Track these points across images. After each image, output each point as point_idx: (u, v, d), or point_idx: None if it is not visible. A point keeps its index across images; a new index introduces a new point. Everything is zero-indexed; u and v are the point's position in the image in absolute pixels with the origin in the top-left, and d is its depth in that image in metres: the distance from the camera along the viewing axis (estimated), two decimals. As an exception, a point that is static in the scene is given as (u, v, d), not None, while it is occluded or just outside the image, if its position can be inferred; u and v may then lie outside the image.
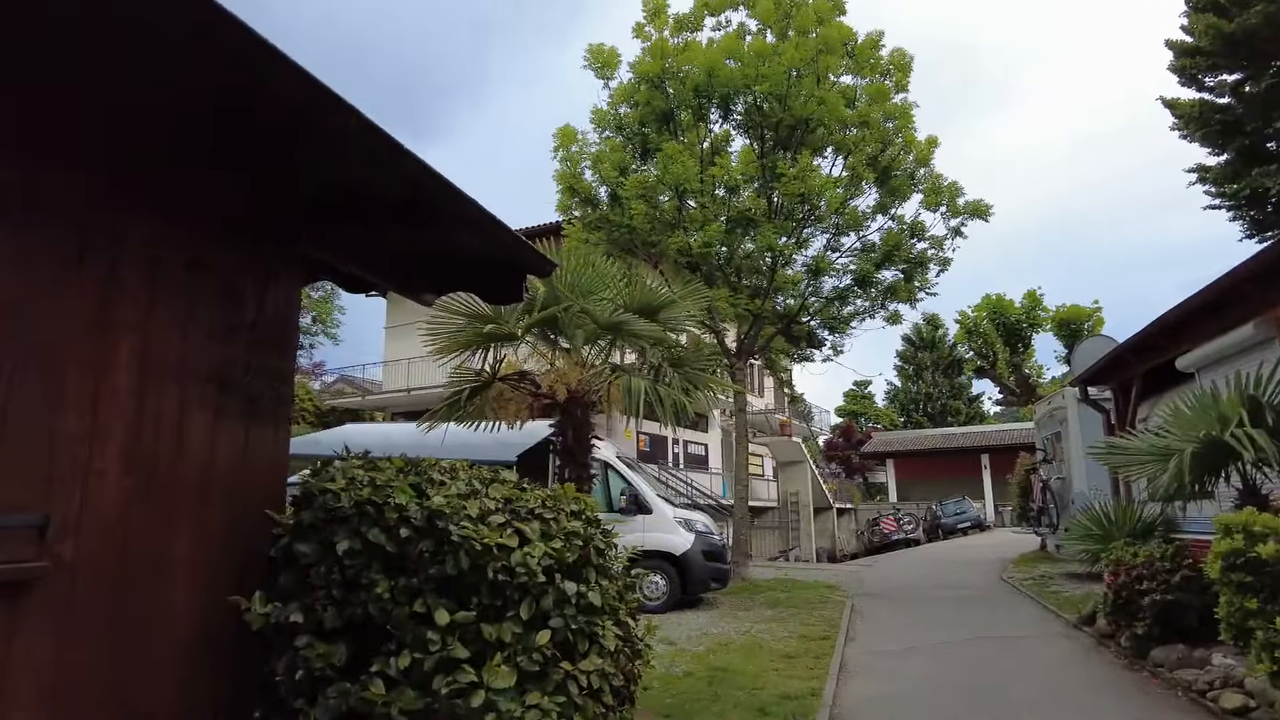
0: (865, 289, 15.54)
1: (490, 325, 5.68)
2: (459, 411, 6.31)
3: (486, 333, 5.75)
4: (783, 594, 13.45)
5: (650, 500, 11.77)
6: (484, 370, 6.22)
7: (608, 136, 15.34)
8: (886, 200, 16.00)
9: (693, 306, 6.67)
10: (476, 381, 6.23)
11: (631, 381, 5.80)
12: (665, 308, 6.29)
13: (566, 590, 2.90)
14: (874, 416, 55.96)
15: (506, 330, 5.73)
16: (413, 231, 3.95)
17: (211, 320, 3.01)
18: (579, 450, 6.38)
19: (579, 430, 6.36)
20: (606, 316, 5.94)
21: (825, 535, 33.03)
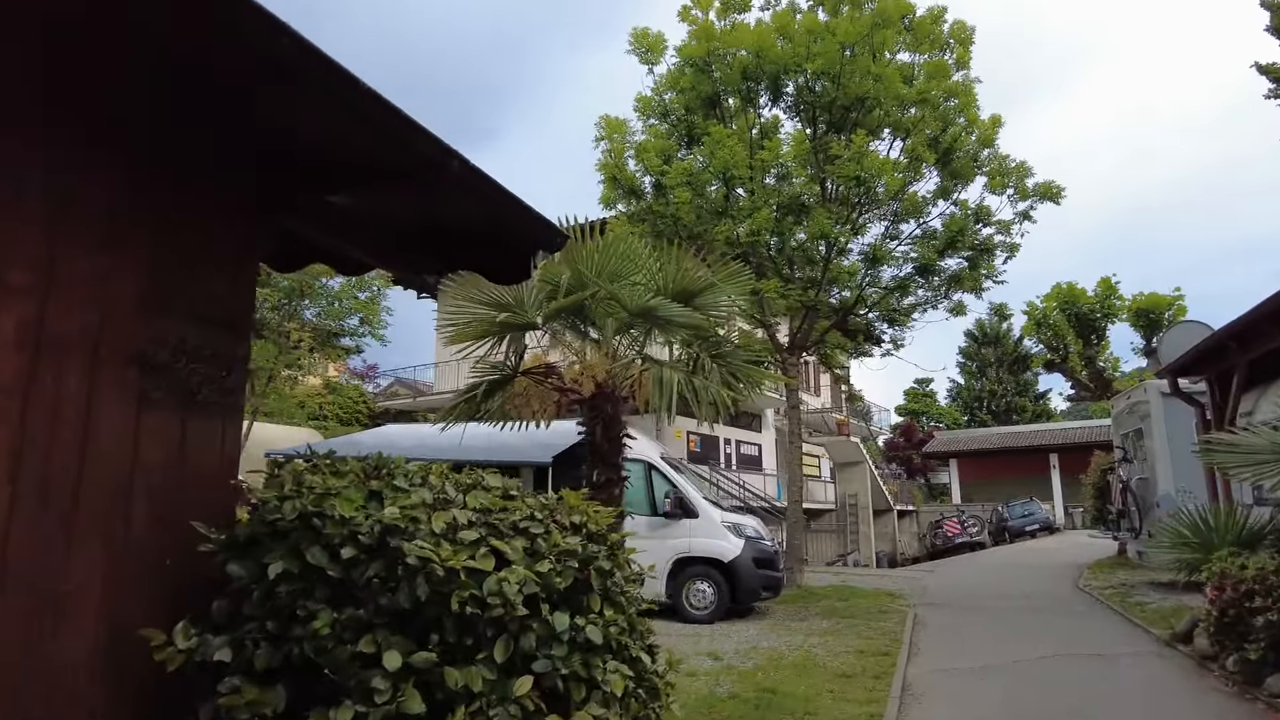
0: (927, 278, 14.63)
1: (506, 314, 5.16)
2: (477, 409, 5.81)
3: (502, 321, 5.23)
4: (840, 602, 12.68)
5: (696, 503, 11.14)
6: (504, 364, 5.70)
7: (652, 124, 14.76)
8: (948, 184, 15.07)
9: (734, 291, 6.03)
10: (495, 375, 5.71)
11: (664, 373, 5.20)
12: (703, 292, 5.68)
13: (556, 625, 2.32)
14: (936, 415, 54.22)
15: (525, 319, 5.20)
16: (403, 198, 3.44)
17: (137, 288, 2.50)
18: (609, 450, 5.81)
19: (608, 428, 5.79)
20: (636, 302, 5.35)
21: (885, 538, 31.91)
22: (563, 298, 5.33)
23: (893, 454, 43.16)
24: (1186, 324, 9.27)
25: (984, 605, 12.59)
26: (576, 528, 2.69)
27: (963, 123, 14.77)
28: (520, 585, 2.26)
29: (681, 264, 5.61)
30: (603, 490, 5.80)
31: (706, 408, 5.47)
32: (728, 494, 22.42)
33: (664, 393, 5.11)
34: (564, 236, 3.82)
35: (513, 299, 5.34)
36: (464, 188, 3.28)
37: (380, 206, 3.62)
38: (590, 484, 5.88)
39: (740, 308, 7.05)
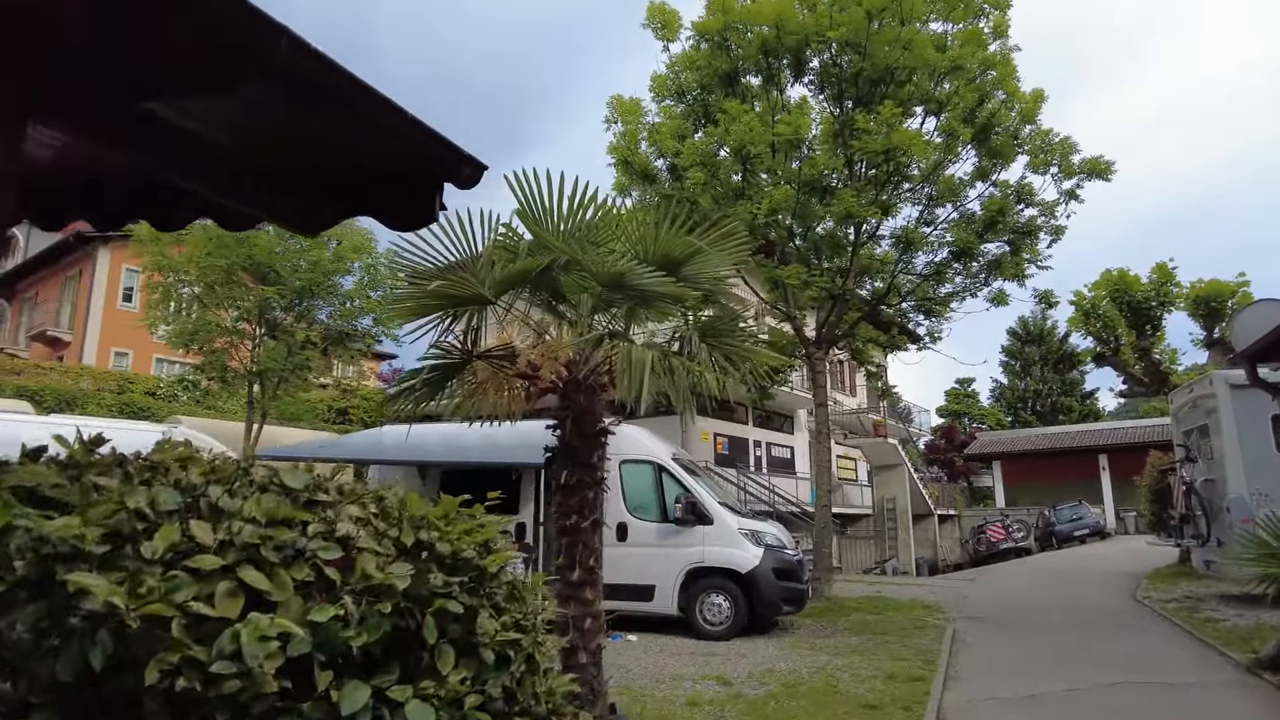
0: (965, 263, 13.52)
1: (451, 285, 4.31)
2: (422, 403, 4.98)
3: (446, 294, 4.39)
4: (872, 616, 11.63)
5: (711, 508, 10.21)
6: (455, 347, 4.85)
7: (666, 105, 13.88)
8: (987, 164, 13.96)
9: (728, 256, 5.11)
10: (445, 361, 4.86)
11: (633, 352, 4.32)
12: (690, 259, 4.80)
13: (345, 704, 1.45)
14: (978, 416, 52.50)
15: (472, 291, 4.36)
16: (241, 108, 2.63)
17: None
18: (582, 447, 4.94)
19: (581, 422, 4.92)
20: (605, 268, 4.48)
21: (926, 544, 30.54)
22: (522, 267, 4.48)
23: (934, 456, 41.71)
24: (1265, 302, 8.12)
25: (1031, 620, 11.45)
26: (420, 547, 1.82)
27: (1001, 98, 13.66)
28: (278, 643, 1.40)
29: (665, 226, 4.70)
30: (573, 494, 4.94)
31: (683, 394, 4.56)
32: (756, 498, 21.45)
33: (633, 374, 4.23)
34: (477, 165, 2.97)
35: (465, 267, 4.51)
36: (316, 88, 2.47)
37: (229, 130, 2.81)
38: (560, 486, 5.03)
39: (738, 274, 6.09)
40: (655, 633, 10.07)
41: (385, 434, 10.87)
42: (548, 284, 4.94)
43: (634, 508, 10.46)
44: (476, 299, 4.56)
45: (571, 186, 4.61)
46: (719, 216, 5.12)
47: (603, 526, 5.20)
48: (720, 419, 24.27)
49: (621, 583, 10.20)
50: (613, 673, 7.80)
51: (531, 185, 4.60)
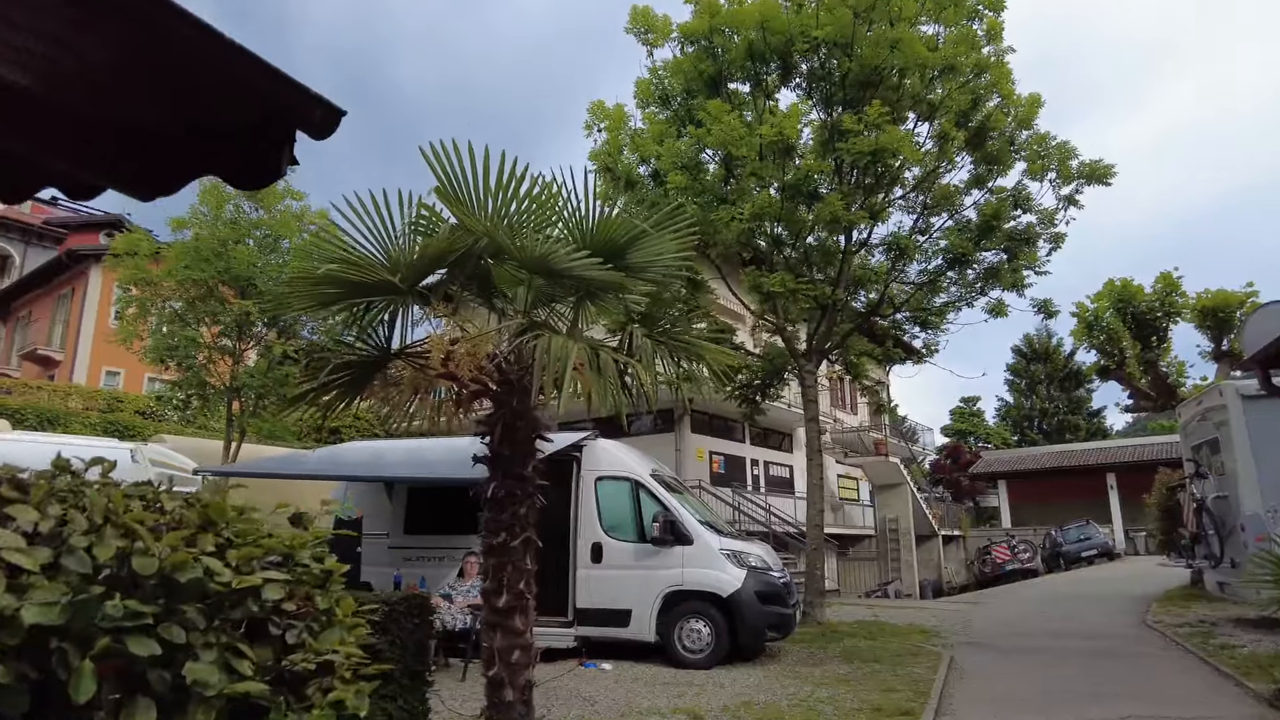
0: (960, 271, 12.99)
1: (339, 267, 3.78)
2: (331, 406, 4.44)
3: (346, 281, 3.86)
4: (865, 642, 10.99)
5: (690, 528, 9.62)
6: (364, 343, 4.31)
7: (650, 111, 13.46)
8: (982, 171, 13.49)
9: (673, 244, 4.57)
10: (352, 359, 4.31)
11: (553, 343, 3.77)
12: (635, 244, 4.28)
13: None
14: (984, 435, 51.67)
15: (379, 278, 3.83)
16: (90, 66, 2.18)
17: None
18: (513, 455, 4.40)
19: (512, 428, 4.38)
20: (532, 253, 3.96)
21: (930, 566, 29.77)
22: (434, 249, 3.96)
23: (939, 476, 40.96)
24: (1276, 305, 7.58)
25: (1035, 645, 10.79)
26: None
27: (996, 103, 13.21)
28: None
29: (603, 209, 4.19)
30: (502, 508, 4.39)
31: (612, 394, 4.00)
32: (751, 519, 20.82)
33: (551, 364, 3.69)
34: (332, 109, 2.48)
35: (380, 255, 4.00)
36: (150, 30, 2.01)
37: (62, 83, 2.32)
38: (488, 500, 4.48)
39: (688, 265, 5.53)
40: (632, 659, 9.46)
41: (348, 450, 10.35)
42: (475, 273, 4.42)
43: (609, 527, 9.89)
44: (384, 287, 4.04)
45: (499, 162, 4.11)
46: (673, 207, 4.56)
47: (536, 545, 4.60)
48: (716, 436, 23.72)
49: (596, 607, 9.64)
50: (575, 705, 7.21)
51: (452, 161, 4.10)
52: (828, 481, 29.82)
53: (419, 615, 4.68)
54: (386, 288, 4.03)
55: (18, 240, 39.11)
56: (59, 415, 24.34)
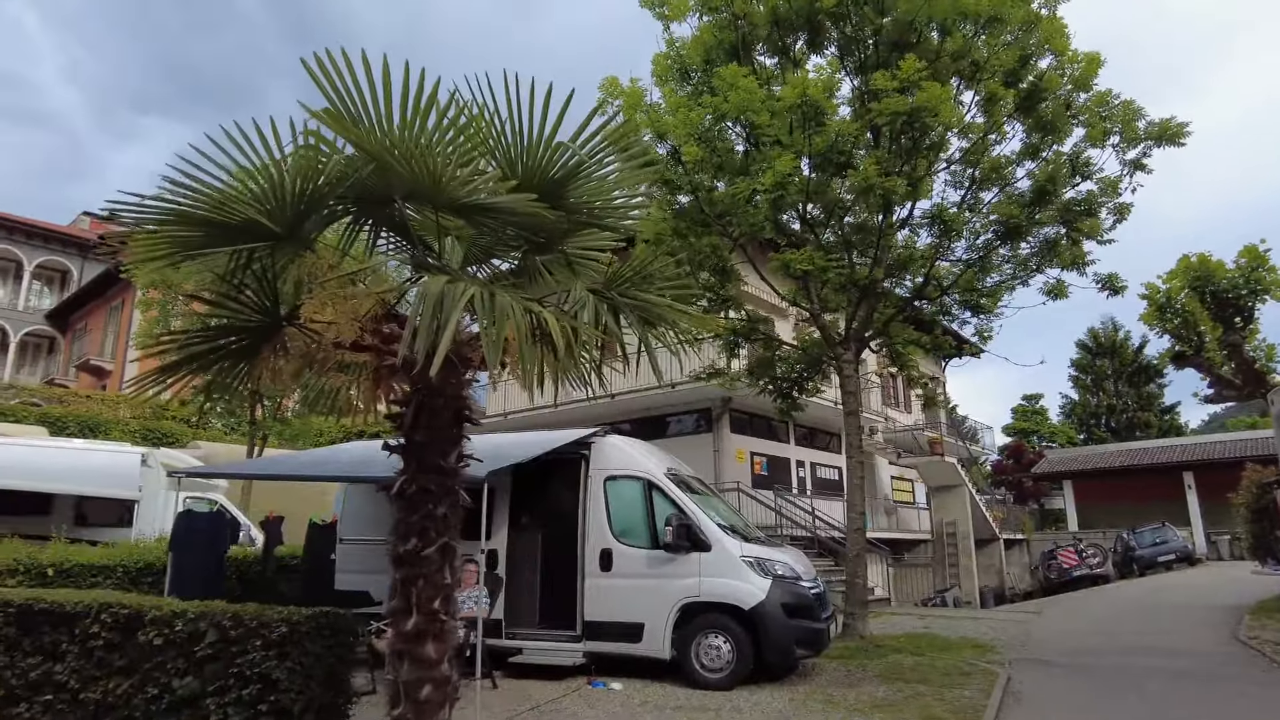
0: (1013, 244, 11.72)
1: (194, 202, 2.98)
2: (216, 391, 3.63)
3: (204, 220, 3.05)
4: (911, 658, 9.88)
5: (708, 532, 8.66)
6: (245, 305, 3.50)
7: (669, 87, 12.53)
8: (1036, 140, 12.21)
9: (624, 177, 3.66)
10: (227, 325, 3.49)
11: (430, 286, 2.87)
12: (575, 178, 3.40)
13: None
14: (1047, 434, 49.29)
15: (242, 217, 3.01)
16: None
17: None
18: (430, 443, 3.55)
19: (430, 409, 3.53)
20: (443, 186, 3.09)
21: (991, 571, 28.07)
22: (313, 181, 3.14)
23: (1000, 477, 39.06)
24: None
25: (1106, 664, 9.53)
26: None
27: (1049, 63, 11.93)
28: None
29: (541, 135, 3.31)
30: (414, 508, 3.56)
31: (531, 359, 3.08)
32: (794, 523, 19.68)
33: (426, 321, 2.80)
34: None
35: (258, 194, 3.19)
36: None
37: None
38: (397, 497, 3.65)
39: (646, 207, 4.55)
40: (646, 678, 8.54)
41: (342, 450, 9.67)
42: (392, 222, 3.58)
43: (620, 532, 8.98)
44: (256, 231, 3.22)
45: (402, 77, 3.26)
46: (619, 127, 3.63)
47: (456, 553, 3.72)
48: (758, 436, 22.66)
49: (605, 620, 8.75)
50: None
51: (345, 77, 3.28)
52: (881, 483, 28.44)
53: (332, 636, 3.84)
54: (258, 232, 3.22)
55: (75, 255, 40.11)
56: (101, 423, 24.48)
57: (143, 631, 4.21)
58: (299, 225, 3.39)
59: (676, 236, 12.27)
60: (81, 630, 4.36)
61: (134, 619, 4.27)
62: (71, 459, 12.52)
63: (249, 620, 3.98)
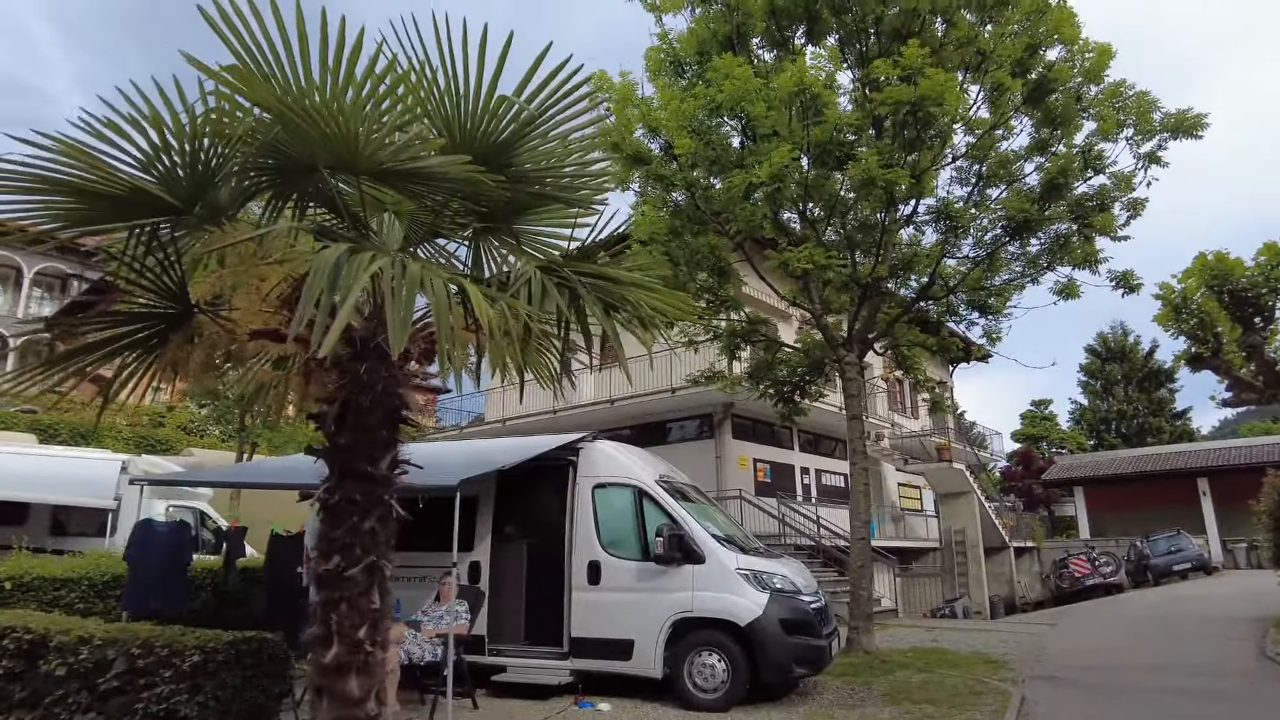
0: (1023, 240, 11.22)
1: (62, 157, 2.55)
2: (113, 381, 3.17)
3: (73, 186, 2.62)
4: (918, 675, 9.36)
5: (702, 543, 8.17)
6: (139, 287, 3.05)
7: (662, 81, 12.10)
8: (1045, 135, 11.74)
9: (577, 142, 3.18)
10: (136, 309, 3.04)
11: (324, 255, 2.42)
12: (523, 140, 2.95)
13: None
14: (1057, 440, 48.58)
15: (130, 186, 2.58)
16: None
17: None
18: (357, 445, 3.09)
19: (358, 407, 3.08)
20: (367, 150, 2.64)
21: (1001, 580, 27.43)
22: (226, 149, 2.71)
23: (1009, 483, 38.42)
24: None
25: (1127, 682, 9.00)
26: None
27: (1059, 54, 11.47)
28: None
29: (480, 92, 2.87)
30: (339, 521, 3.11)
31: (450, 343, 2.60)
32: (798, 531, 19.17)
33: (312, 295, 2.36)
34: None
35: (143, 158, 2.73)
36: None
37: None
38: (322, 509, 3.20)
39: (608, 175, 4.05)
40: (638, 697, 8.05)
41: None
42: (313, 192, 3.13)
43: (609, 543, 8.50)
44: (148, 204, 2.77)
45: (320, 24, 2.82)
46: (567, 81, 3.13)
47: (384, 574, 3.26)
48: (761, 443, 22.17)
49: (593, 636, 8.27)
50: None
51: (253, 29, 2.83)
52: (888, 491, 27.86)
53: (255, 666, 3.37)
54: (153, 205, 2.77)
55: (75, 262, 39.91)
56: (92, 431, 24.15)
57: (45, 660, 3.76)
58: (201, 197, 2.95)
59: (672, 236, 11.83)
60: (-17, 658, 3.92)
61: (38, 645, 3.82)
62: (47, 466, 12.10)
63: (159, 648, 3.52)
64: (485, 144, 3.01)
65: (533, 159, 3.12)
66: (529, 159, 3.11)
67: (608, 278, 3.27)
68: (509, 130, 3.03)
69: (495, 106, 2.98)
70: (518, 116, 2.99)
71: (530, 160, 3.11)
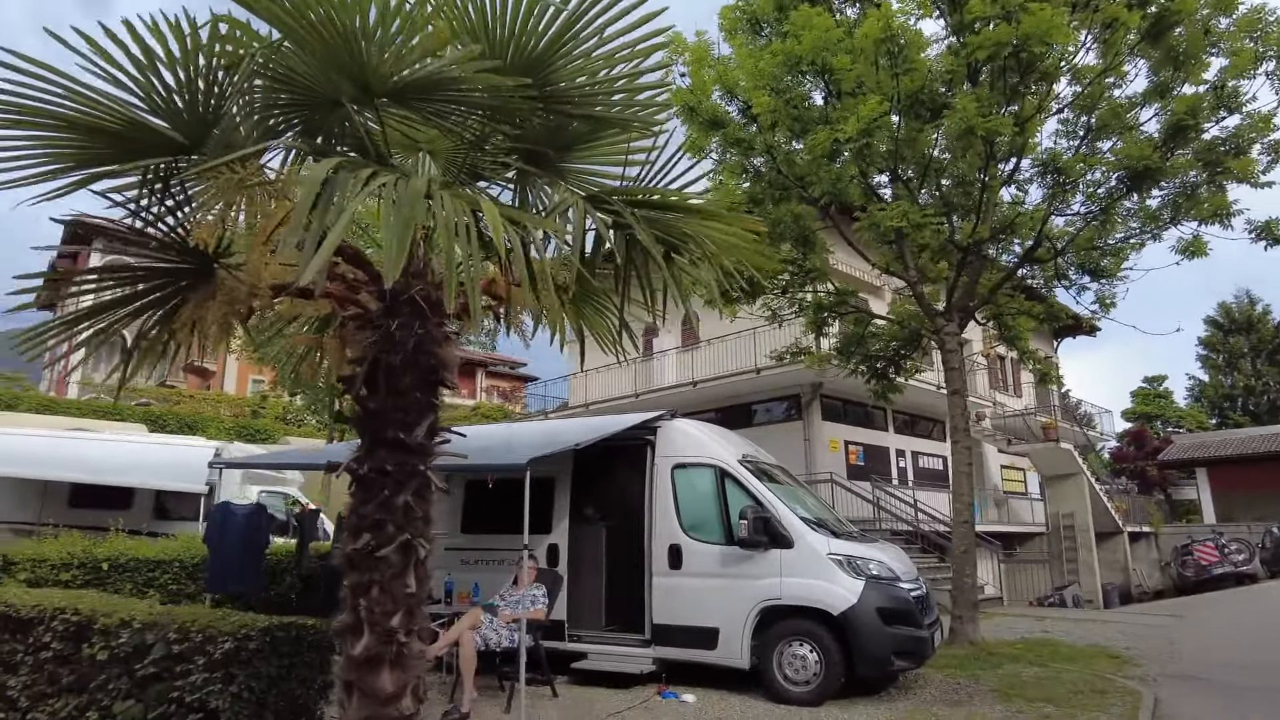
0: (1144, 191, 10.11)
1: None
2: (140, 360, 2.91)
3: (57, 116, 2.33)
4: (1031, 669, 8.59)
5: (790, 527, 7.63)
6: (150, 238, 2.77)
7: (739, 38, 11.48)
8: (1166, 77, 10.57)
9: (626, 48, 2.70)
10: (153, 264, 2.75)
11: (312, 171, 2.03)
12: (560, 48, 2.50)
13: None
14: (1174, 419, 45.40)
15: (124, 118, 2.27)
16: None
17: None
18: (389, 412, 2.75)
19: (389, 367, 2.73)
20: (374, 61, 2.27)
21: (1115, 567, 25.72)
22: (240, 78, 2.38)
23: (1121, 465, 36.08)
24: None
25: (1275, 682, 8.00)
26: None
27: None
28: None
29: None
30: (370, 496, 2.77)
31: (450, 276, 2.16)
32: (894, 516, 18.31)
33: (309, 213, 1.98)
34: None
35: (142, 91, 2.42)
36: None
37: None
38: (354, 481, 2.87)
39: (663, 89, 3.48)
40: (724, 688, 7.61)
41: None
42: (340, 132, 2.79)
43: (690, 526, 8.07)
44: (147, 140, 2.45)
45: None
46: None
47: (420, 554, 2.89)
48: (853, 424, 21.32)
49: (676, 623, 7.86)
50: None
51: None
52: (990, 473, 26.49)
53: (291, 654, 3.08)
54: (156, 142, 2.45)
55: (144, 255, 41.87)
56: (199, 421, 25.26)
57: (89, 643, 3.61)
58: (209, 134, 2.64)
59: (753, 204, 11.25)
60: (35, 639, 3.81)
61: (83, 628, 3.69)
62: (149, 454, 12.54)
63: (194, 633, 3.30)
64: (519, 57, 2.59)
65: (575, 74, 2.68)
66: (571, 74, 2.68)
67: (668, 207, 2.80)
68: (546, 38, 2.60)
69: (529, 5, 2.54)
70: (554, 19, 2.56)
71: (572, 76, 2.68)
